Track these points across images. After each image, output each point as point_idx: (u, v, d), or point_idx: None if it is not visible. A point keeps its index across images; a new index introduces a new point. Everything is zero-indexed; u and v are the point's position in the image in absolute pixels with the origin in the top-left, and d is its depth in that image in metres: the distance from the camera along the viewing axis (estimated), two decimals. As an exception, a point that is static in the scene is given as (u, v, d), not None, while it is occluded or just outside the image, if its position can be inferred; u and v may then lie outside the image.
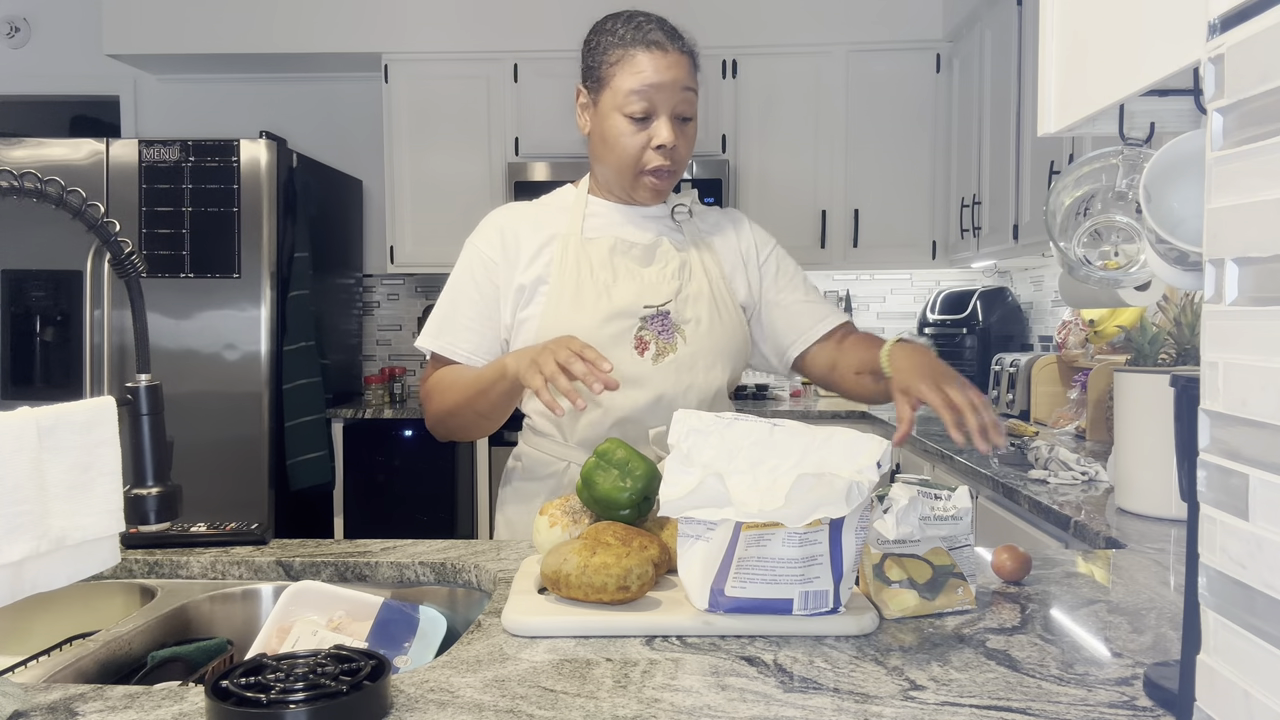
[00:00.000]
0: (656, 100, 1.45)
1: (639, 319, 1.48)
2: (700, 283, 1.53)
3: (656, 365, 1.48)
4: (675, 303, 1.50)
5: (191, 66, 4.27)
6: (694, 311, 1.51)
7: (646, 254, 1.53)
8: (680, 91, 1.46)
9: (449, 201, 4.01)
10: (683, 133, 1.49)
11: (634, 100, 1.44)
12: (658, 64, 1.44)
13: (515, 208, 1.60)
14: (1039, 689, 0.86)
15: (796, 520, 0.95)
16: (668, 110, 1.46)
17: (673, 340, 1.49)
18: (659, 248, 1.53)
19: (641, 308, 1.49)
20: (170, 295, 3.45)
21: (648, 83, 1.44)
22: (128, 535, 1.33)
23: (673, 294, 1.50)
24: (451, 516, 3.77)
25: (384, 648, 1.16)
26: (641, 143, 1.46)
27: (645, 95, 1.44)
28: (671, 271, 1.52)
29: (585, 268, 1.49)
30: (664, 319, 1.49)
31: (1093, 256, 1.03)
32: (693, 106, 1.50)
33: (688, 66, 1.49)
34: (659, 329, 1.49)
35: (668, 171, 1.49)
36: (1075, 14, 0.93)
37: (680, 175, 1.53)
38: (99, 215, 0.92)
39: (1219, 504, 0.61)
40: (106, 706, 0.84)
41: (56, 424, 0.87)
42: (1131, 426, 1.69)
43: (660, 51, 1.45)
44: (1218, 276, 0.61)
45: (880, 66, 3.96)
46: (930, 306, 4.04)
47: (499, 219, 1.56)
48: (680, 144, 1.48)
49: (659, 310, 1.49)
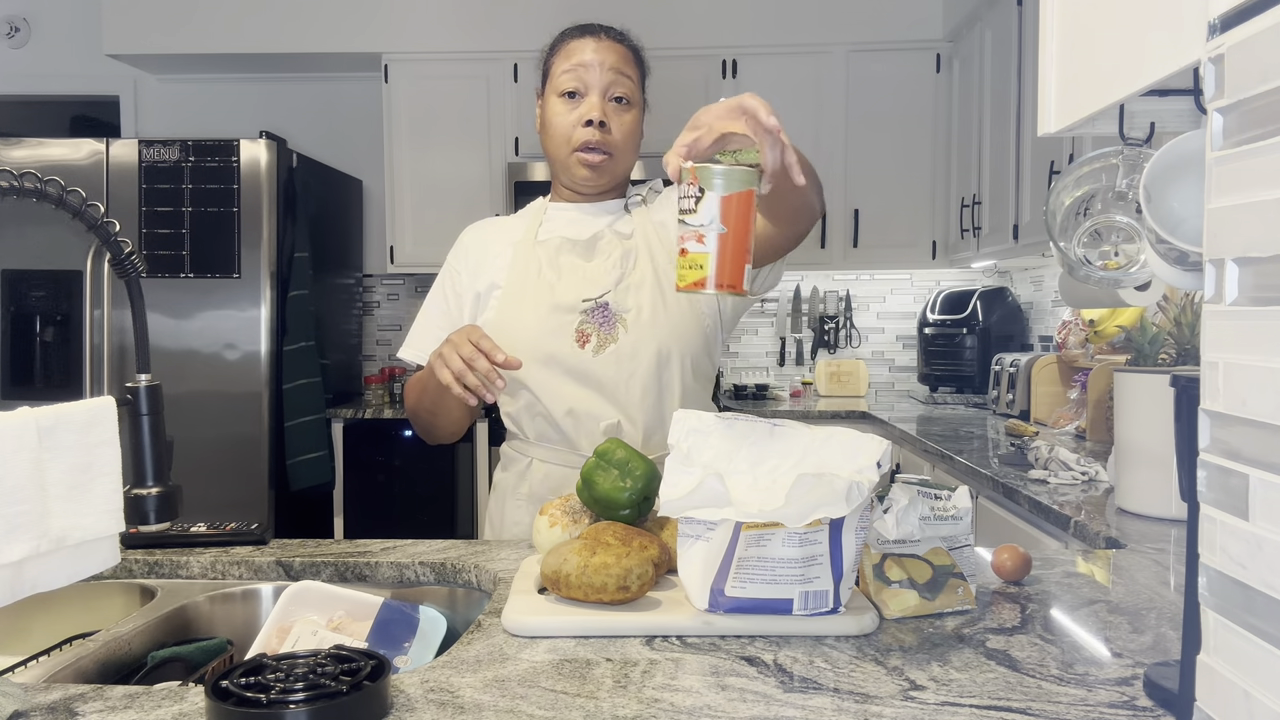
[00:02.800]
0: (587, 78, 1.50)
1: (579, 312, 1.50)
2: (644, 270, 1.53)
3: (597, 357, 1.49)
4: (614, 293, 1.51)
5: (191, 66, 4.27)
6: (635, 300, 1.51)
7: (588, 248, 1.55)
8: (610, 71, 1.51)
9: (449, 201, 4.01)
10: (618, 115, 1.52)
11: (566, 79, 1.51)
12: (588, 46, 1.52)
13: (485, 222, 1.69)
14: (1039, 689, 0.86)
15: (796, 520, 0.95)
16: (599, 88, 1.50)
17: (614, 331, 1.50)
18: (600, 239, 1.55)
19: (580, 301, 1.50)
20: (170, 295, 3.45)
21: (577, 62, 1.51)
22: (128, 535, 1.33)
23: (612, 284, 1.51)
24: (451, 516, 3.77)
25: (384, 648, 1.16)
26: (573, 120, 1.51)
27: (575, 74, 1.51)
28: (613, 262, 1.53)
29: (533, 269, 1.53)
30: (604, 310, 1.50)
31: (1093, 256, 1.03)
32: (629, 91, 1.52)
33: (622, 54, 1.53)
34: (599, 321, 1.50)
35: (598, 150, 1.50)
36: (1075, 14, 0.93)
37: (619, 163, 1.54)
38: (99, 215, 0.92)
39: (1219, 504, 0.61)
40: (106, 706, 0.84)
41: (56, 424, 0.87)
42: (1131, 426, 1.69)
43: (592, 37, 1.53)
44: (1218, 276, 0.61)
45: (880, 66, 3.96)
46: (930, 306, 4.04)
47: (467, 233, 1.65)
48: (615, 125, 1.51)
49: (597, 302, 1.50)
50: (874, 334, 4.37)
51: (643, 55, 1.59)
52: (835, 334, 4.33)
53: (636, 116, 1.54)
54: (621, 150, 1.53)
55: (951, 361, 3.92)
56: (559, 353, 1.49)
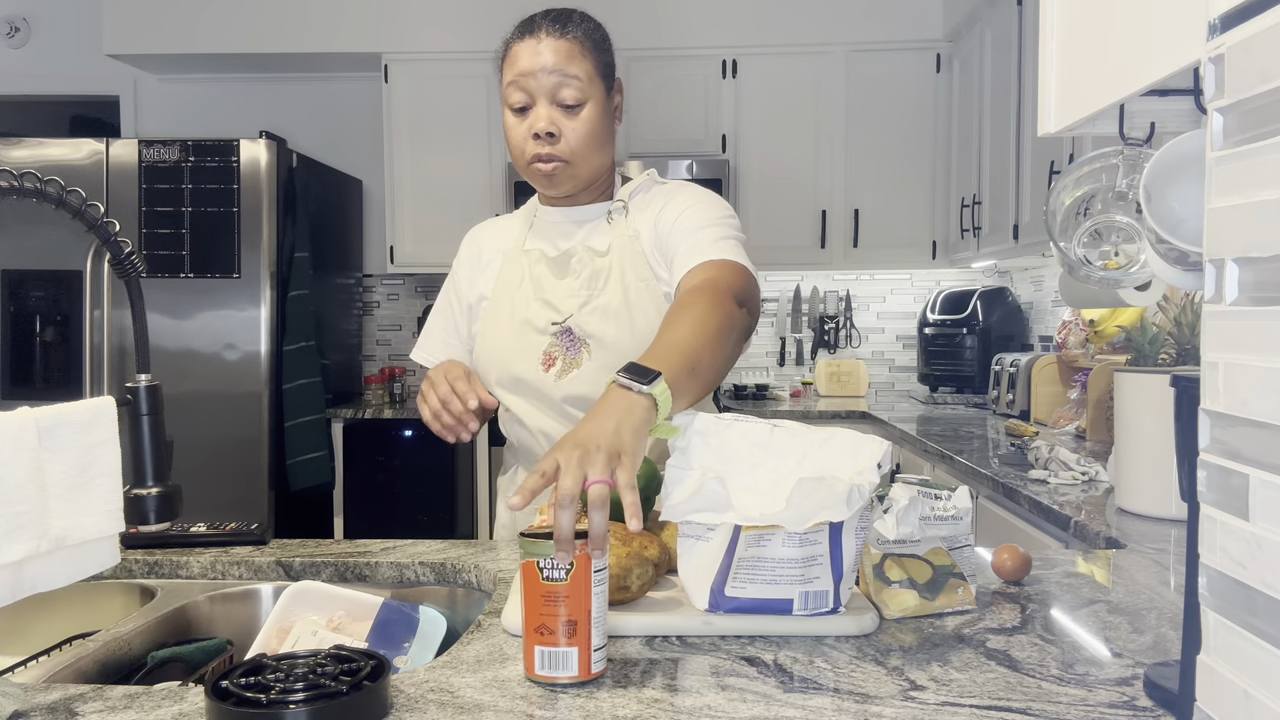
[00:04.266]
0: (530, 88, 1.41)
1: (548, 335, 1.46)
2: (613, 291, 1.44)
3: (559, 381, 1.44)
4: (578, 315, 1.44)
5: (191, 66, 4.27)
6: (599, 326, 1.43)
7: (560, 265, 1.49)
8: (552, 75, 1.39)
9: (449, 201, 4.01)
10: (568, 119, 1.41)
11: (511, 92, 1.43)
12: (527, 51, 1.41)
13: (486, 224, 1.65)
14: (1039, 689, 0.86)
15: (797, 524, 0.95)
16: (544, 95, 1.40)
17: (578, 355, 1.44)
18: (572, 257, 1.48)
19: (549, 324, 1.46)
20: (170, 295, 3.44)
21: (519, 71, 1.41)
22: (128, 535, 1.33)
23: (576, 308, 1.45)
24: (451, 516, 3.77)
25: (384, 648, 1.16)
26: (524, 133, 1.42)
27: (519, 85, 1.41)
28: (581, 283, 1.46)
29: (515, 282, 1.50)
30: (569, 335, 1.45)
31: (1093, 256, 1.03)
32: (578, 90, 1.41)
33: (565, 50, 1.41)
34: (566, 344, 1.45)
35: (552, 159, 1.42)
36: (1075, 14, 0.93)
37: (580, 167, 1.44)
38: (99, 215, 0.92)
39: (1219, 504, 0.61)
40: (106, 706, 0.84)
41: (56, 424, 0.87)
42: (1131, 426, 1.69)
43: (531, 39, 1.42)
44: (1218, 276, 0.61)
45: (880, 66, 3.96)
46: (930, 306, 4.04)
47: (468, 237, 1.63)
48: (566, 131, 1.41)
49: (563, 326, 1.45)
50: (874, 334, 4.37)
51: (598, 35, 1.46)
52: (835, 334, 4.33)
53: (592, 112, 1.42)
54: (578, 154, 1.43)
55: (951, 361, 3.92)
56: (525, 375, 1.45)
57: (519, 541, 0.89)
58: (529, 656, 0.88)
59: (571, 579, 0.86)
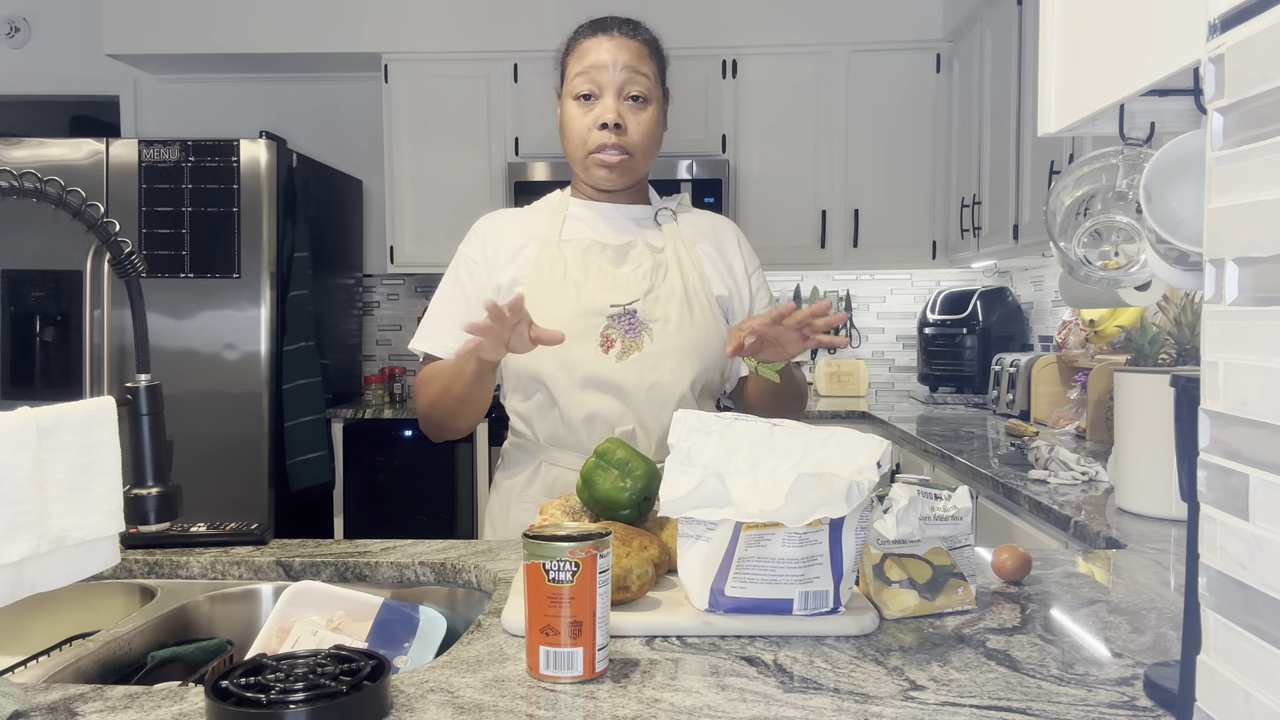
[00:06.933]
0: (600, 79, 1.49)
1: (606, 317, 1.49)
2: (674, 283, 1.53)
3: (620, 363, 1.48)
4: (644, 302, 1.50)
5: (191, 66, 4.27)
6: (663, 311, 1.51)
7: (620, 254, 1.54)
8: (624, 70, 1.49)
9: (449, 201, 4.01)
10: (634, 114, 1.50)
11: (580, 82, 1.50)
12: (600, 45, 1.50)
13: (501, 213, 1.67)
14: (1039, 689, 0.86)
15: (796, 520, 0.95)
16: (613, 88, 1.49)
17: (639, 339, 1.49)
18: (633, 249, 1.55)
19: (609, 306, 1.50)
20: (170, 295, 3.44)
21: (589, 64, 1.49)
22: (128, 535, 1.33)
23: (641, 293, 1.51)
24: (451, 516, 3.77)
25: (384, 648, 1.16)
26: (588, 123, 1.50)
27: (589, 75, 1.49)
28: (644, 271, 1.53)
29: (559, 268, 1.52)
30: (631, 317, 1.49)
31: (1093, 256, 1.03)
32: (646, 88, 1.51)
33: (635, 50, 1.51)
34: (625, 327, 1.49)
35: (616, 150, 1.49)
36: (1075, 14, 0.93)
37: (639, 161, 1.53)
38: (99, 215, 0.92)
39: (1219, 504, 0.61)
40: (106, 706, 0.84)
41: (56, 424, 0.87)
42: (1131, 426, 1.69)
43: (604, 35, 1.51)
44: (1218, 276, 0.61)
45: (880, 66, 3.96)
46: (930, 306, 4.04)
47: (482, 223, 1.63)
48: (631, 125, 1.50)
49: (626, 309, 1.50)
50: (874, 334, 4.37)
51: (660, 45, 1.56)
52: (835, 334, 4.32)
53: (654, 113, 1.52)
54: (640, 149, 1.52)
55: (951, 361, 3.92)
56: (581, 356, 1.47)
57: (522, 543, 0.90)
58: (533, 657, 0.89)
59: (577, 580, 0.87)
